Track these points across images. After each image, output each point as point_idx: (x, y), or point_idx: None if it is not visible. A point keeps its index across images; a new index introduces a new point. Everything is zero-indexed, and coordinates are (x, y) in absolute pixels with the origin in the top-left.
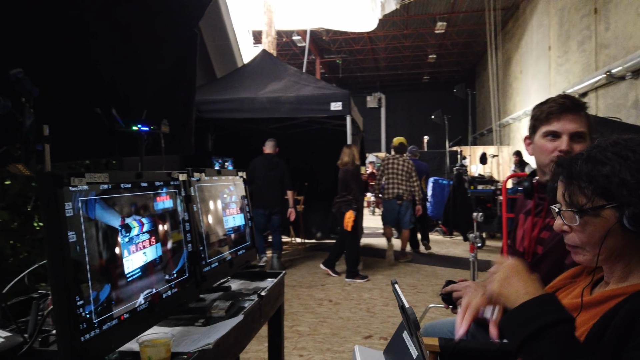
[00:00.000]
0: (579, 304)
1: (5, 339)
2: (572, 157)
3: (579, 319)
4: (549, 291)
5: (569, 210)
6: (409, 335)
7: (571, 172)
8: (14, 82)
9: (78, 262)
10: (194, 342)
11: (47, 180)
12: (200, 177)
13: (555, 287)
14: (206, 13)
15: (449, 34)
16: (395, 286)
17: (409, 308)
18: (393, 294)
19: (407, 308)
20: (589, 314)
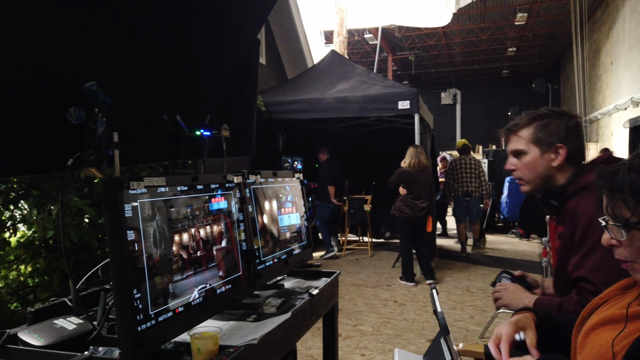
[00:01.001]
0: (624, 315)
1: (77, 325)
2: (614, 168)
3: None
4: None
5: (615, 225)
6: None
7: (613, 184)
8: (88, 93)
9: (136, 258)
10: (243, 337)
11: (110, 184)
12: (256, 179)
13: (605, 297)
14: (278, 16)
15: (530, 25)
16: (432, 291)
17: (440, 312)
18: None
19: (437, 312)
20: (633, 327)
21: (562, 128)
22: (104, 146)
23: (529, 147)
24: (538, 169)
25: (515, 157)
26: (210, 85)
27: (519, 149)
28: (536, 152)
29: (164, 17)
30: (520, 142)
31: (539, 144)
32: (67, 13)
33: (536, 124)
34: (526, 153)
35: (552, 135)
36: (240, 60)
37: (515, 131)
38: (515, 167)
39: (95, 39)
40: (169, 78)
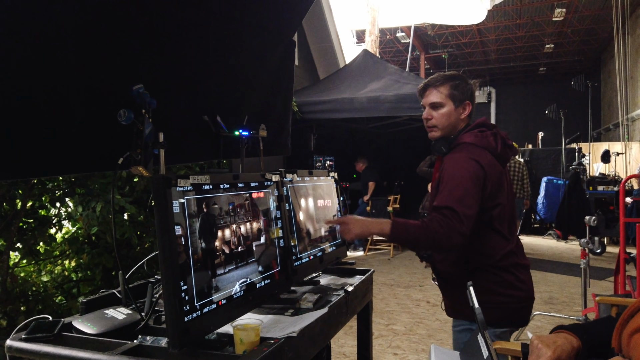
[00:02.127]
0: None
1: (126, 315)
2: None
3: None
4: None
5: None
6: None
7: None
8: (136, 96)
9: (182, 252)
10: (282, 330)
11: (159, 181)
12: (293, 177)
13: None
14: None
15: (569, 20)
16: (469, 288)
17: (477, 308)
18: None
19: (475, 308)
20: None
21: (469, 89)
22: (150, 146)
23: (446, 101)
24: (451, 119)
25: (433, 109)
26: (248, 87)
27: (438, 102)
28: (451, 105)
29: (205, 23)
30: (439, 96)
31: (453, 99)
32: (116, 19)
33: (451, 83)
34: (444, 106)
35: (463, 93)
36: (276, 62)
37: (436, 86)
38: (431, 117)
39: (142, 44)
40: (210, 81)
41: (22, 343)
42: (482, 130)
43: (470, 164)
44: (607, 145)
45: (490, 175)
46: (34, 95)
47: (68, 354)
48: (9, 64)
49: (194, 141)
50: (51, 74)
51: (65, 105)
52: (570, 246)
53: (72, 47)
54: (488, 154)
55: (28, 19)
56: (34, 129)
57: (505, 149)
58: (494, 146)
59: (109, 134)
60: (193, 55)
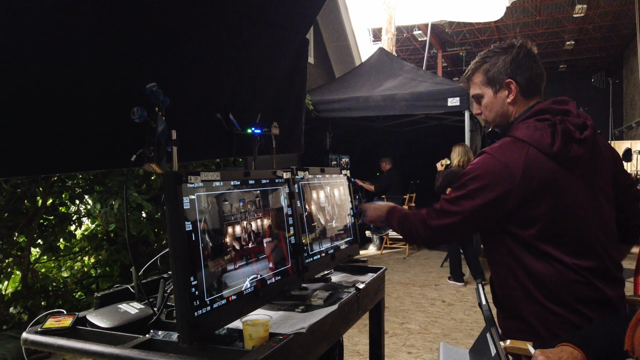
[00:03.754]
0: None
1: (139, 310)
2: None
3: None
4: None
5: None
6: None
7: None
8: (149, 94)
9: (193, 247)
10: (292, 326)
11: (169, 178)
12: (304, 175)
13: None
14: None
15: (590, 17)
16: (478, 285)
17: (485, 305)
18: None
19: (482, 305)
20: None
21: (509, 62)
22: (163, 143)
23: (483, 90)
24: (495, 108)
25: (478, 102)
26: (261, 85)
27: (476, 94)
28: (490, 92)
29: (219, 21)
30: (475, 87)
31: (490, 84)
32: (130, 17)
33: (485, 66)
34: (483, 96)
35: (500, 72)
36: (289, 61)
37: (470, 78)
38: (480, 111)
39: (156, 43)
40: (223, 79)
41: (38, 336)
42: (541, 118)
43: (491, 165)
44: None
45: (526, 181)
46: (48, 93)
47: (81, 347)
48: (25, 63)
49: (207, 139)
50: (66, 72)
51: (79, 103)
52: None
53: (87, 45)
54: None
55: (43, 18)
56: (48, 126)
57: (570, 145)
58: (547, 143)
59: (122, 132)
60: (206, 53)
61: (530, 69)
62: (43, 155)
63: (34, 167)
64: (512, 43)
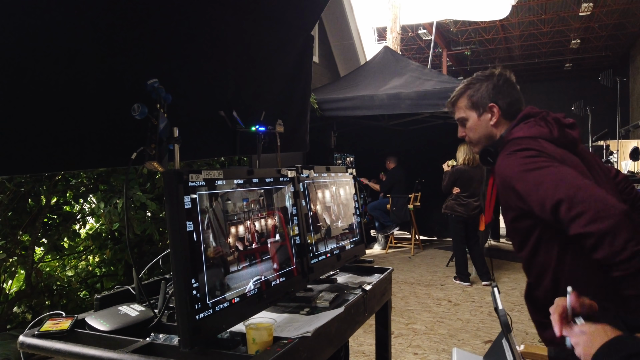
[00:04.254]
0: None
1: (140, 312)
2: None
3: None
4: None
5: None
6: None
7: None
8: (151, 90)
9: (194, 248)
10: (297, 329)
11: (170, 176)
12: (309, 173)
13: None
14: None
15: (596, 15)
16: (494, 289)
17: (501, 310)
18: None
19: (499, 310)
20: None
21: (491, 88)
22: (165, 141)
23: (467, 114)
24: (479, 130)
25: (462, 125)
26: (265, 82)
27: (461, 117)
28: (474, 115)
29: (222, 17)
30: (460, 111)
31: (474, 107)
32: (131, 13)
33: (469, 92)
34: (467, 119)
35: (483, 97)
36: (294, 57)
37: (455, 103)
38: (464, 133)
39: (158, 38)
40: (227, 75)
41: (35, 339)
42: (527, 121)
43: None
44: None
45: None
46: (49, 90)
47: (79, 351)
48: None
49: (210, 137)
50: (66, 68)
51: (80, 100)
52: None
53: (88, 41)
54: (543, 142)
55: (44, 15)
56: (48, 124)
57: (564, 130)
58: (547, 131)
59: (124, 129)
60: (210, 49)
61: (510, 95)
62: (43, 153)
63: (34, 165)
64: (493, 72)
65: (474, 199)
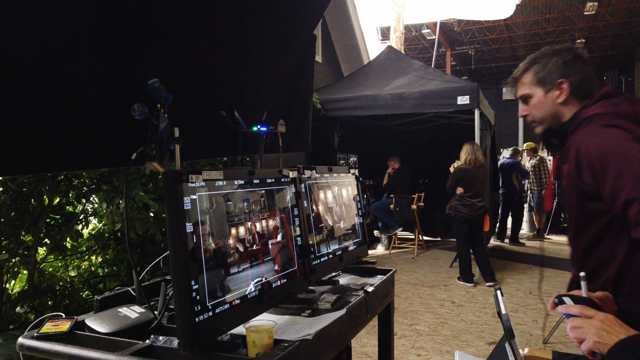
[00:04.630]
0: None
1: (140, 314)
2: None
3: None
4: None
5: None
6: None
7: None
8: (151, 90)
9: (194, 250)
10: (298, 331)
11: (170, 177)
12: (311, 174)
13: None
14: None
15: (601, 14)
16: (497, 292)
17: (504, 314)
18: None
19: (502, 315)
20: None
21: (561, 63)
22: (165, 141)
23: (532, 90)
24: (545, 107)
25: (525, 103)
26: (267, 82)
27: (525, 94)
28: (540, 92)
29: (223, 16)
30: (524, 87)
31: (540, 83)
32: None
33: (535, 66)
34: (532, 96)
35: (551, 72)
36: (296, 57)
37: (518, 79)
38: (527, 112)
39: (159, 37)
40: (228, 75)
41: (34, 341)
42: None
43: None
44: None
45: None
46: (49, 91)
47: (78, 354)
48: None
49: (211, 137)
50: (66, 68)
51: (80, 100)
52: None
53: (88, 40)
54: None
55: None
56: (48, 124)
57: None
58: (630, 112)
59: (124, 130)
60: (211, 48)
61: (581, 71)
62: (44, 154)
63: (35, 165)
64: (563, 46)
65: (478, 199)
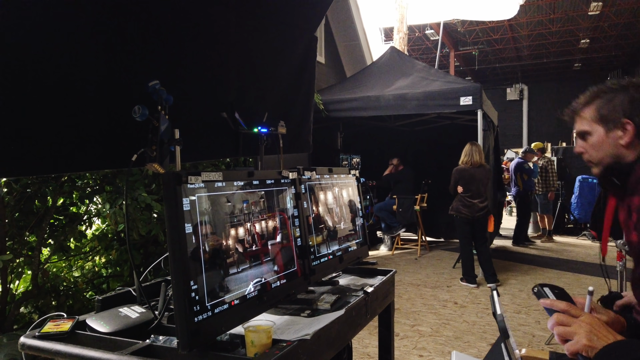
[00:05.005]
0: None
1: (140, 314)
2: None
3: None
4: None
5: None
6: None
7: None
8: (152, 92)
9: (193, 251)
10: (297, 332)
11: (169, 178)
12: (311, 175)
13: None
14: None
15: (606, 14)
16: (493, 293)
17: (499, 315)
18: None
19: (497, 315)
20: None
21: (627, 101)
22: (166, 143)
23: (592, 127)
24: (605, 148)
25: (582, 139)
26: (268, 83)
27: (583, 130)
28: (601, 131)
29: (223, 18)
30: (583, 123)
31: (603, 122)
32: (132, 14)
33: (598, 101)
34: (591, 133)
35: (616, 110)
36: (297, 58)
37: (577, 112)
38: (583, 149)
39: (159, 39)
40: (229, 77)
41: (35, 341)
42: None
43: None
44: None
45: None
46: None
47: (78, 353)
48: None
49: (213, 138)
50: (67, 70)
51: (81, 101)
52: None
53: (89, 42)
54: None
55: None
56: (49, 126)
57: None
58: None
59: (125, 131)
60: (212, 50)
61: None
62: (46, 155)
63: (38, 166)
64: (631, 82)
65: (479, 200)
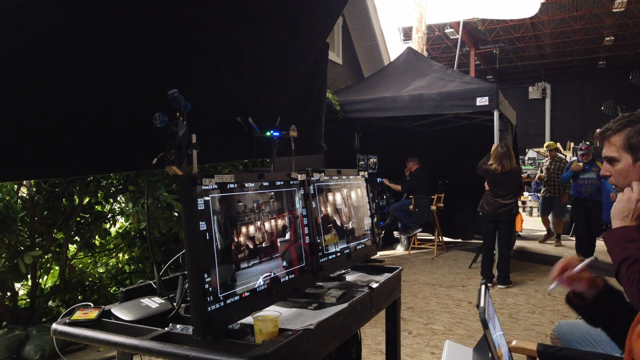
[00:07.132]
0: None
1: (159, 304)
2: None
3: None
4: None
5: None
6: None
7: None
8: (171, 100)
9: (207, 246)
10: (302, 322)
11: (185, 180)
12: (320, 176)
13: None
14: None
15: (631, 11)
16: (482, 286)
17: (481, 307)
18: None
19: (479, 307)
20: None
21: None
22: (184, 147)
23: (620, 155)
24: (631, 177)
25: (609, 163)
26: (281, 89)
27: (611, 156)
28: (628, 159)
29: (239, 28)
30: (612, 149)
31: (631, 150)
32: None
33: (628, 130)
34: (619, 160)
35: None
36: (309, 64)
37: (607, 137)
38: (609, 173)
39: (178, 51)
40: (243, 84)
41: (66, 327)
42: None
43: None
44: None
45: None
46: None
47: (104, 338)
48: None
49: (228, 141)
50: (93, 81)
51: (106, 110)
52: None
53: (113, 55)
54: None
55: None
56: (78, 131)
57: None
58: None
59: (147, 136)
60: (227, 59)
61: None
62: (73, 158)
63: (66, 168)
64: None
65: (502, 197)
